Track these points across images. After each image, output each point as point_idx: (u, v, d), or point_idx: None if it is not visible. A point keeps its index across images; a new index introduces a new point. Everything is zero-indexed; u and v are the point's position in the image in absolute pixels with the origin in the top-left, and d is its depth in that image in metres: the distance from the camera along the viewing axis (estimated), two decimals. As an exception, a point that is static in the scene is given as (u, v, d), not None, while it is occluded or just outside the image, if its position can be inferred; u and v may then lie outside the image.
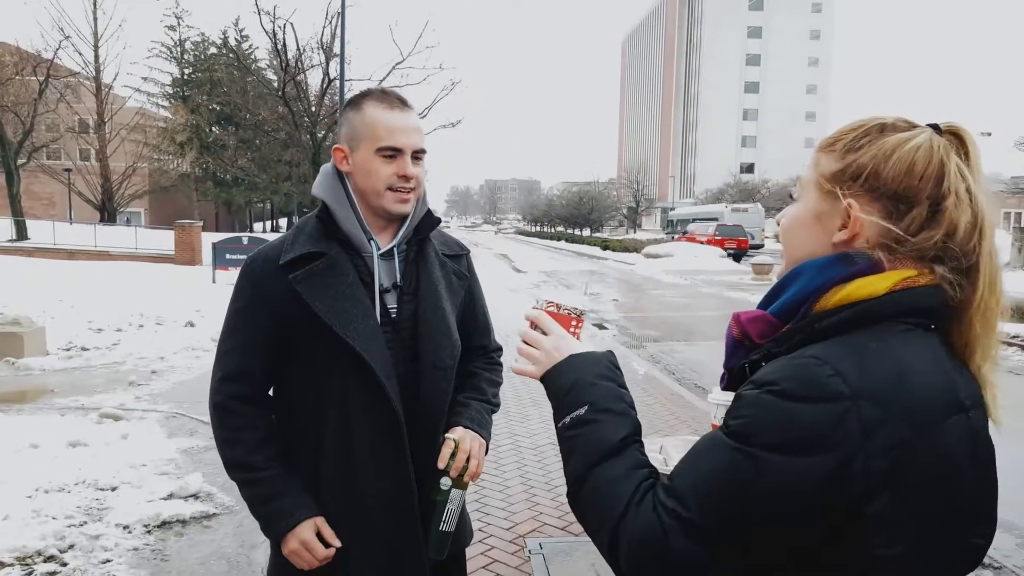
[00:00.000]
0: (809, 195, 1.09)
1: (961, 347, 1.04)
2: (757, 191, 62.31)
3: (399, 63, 24.87)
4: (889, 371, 0.94)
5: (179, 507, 4.39)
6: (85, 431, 5.74)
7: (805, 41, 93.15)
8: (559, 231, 77.38)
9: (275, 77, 31.04)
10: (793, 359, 0.96)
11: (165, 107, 51.19)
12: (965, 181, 1.01)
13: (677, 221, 54.38)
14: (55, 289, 14.63)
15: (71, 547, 3.87)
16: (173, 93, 52.95)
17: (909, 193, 1.01)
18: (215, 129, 50.97)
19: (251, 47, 49.55)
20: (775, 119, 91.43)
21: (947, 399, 0.97)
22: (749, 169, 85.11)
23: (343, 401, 1.71)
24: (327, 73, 26.26)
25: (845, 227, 1.04)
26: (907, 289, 0.99)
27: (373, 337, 1.70)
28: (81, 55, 36.07)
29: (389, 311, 1.77)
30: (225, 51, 49.55)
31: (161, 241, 27.23)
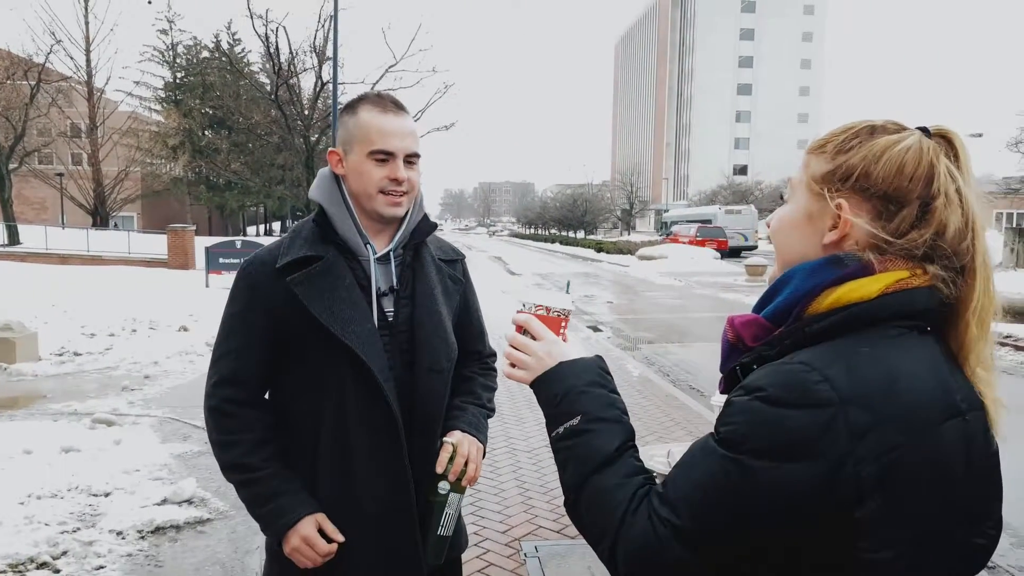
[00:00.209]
0: (800, 196, 1.09)
1: (956, 350, 1.03)
2: (750, 193, 62.46)
3: (392, 66, 24.98)
4: (879, 376, 0.93)
5: (173, 512, 4.37)
6: (78, 437, 5.71)
7: (797, 43, 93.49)
8: (553, 233, 77.46)
9: (268, 81, 31.00)
10: (782, 365, 0.96)
11: (157, 111, 51.02)
12: (955, 182, 1.01)
13: (671, 223, 54.50)
14: (47, 294, 14.56)
15: (64, 554, 3.85)
16: (165, 97, 52.82)
17: (899, 193, 1.01)
18: (208, 133, 50.88)
19: (244, 51, 49.53)
20: (768, 121, 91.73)
21: (941, 403, 0.96)
22: (742, 171, 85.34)
23: (340, 404, 1.70)
24: (320, 76, 26.26)
25: (835, 227, 1.04)
26: (900, 291, 0.98)
27: (371, 340, 1.69)
28: (73, 59, 35.88)
29: (386, 315, 1.77)
30: (217, 55, 49.59)
31: (154, 245, 27.14)
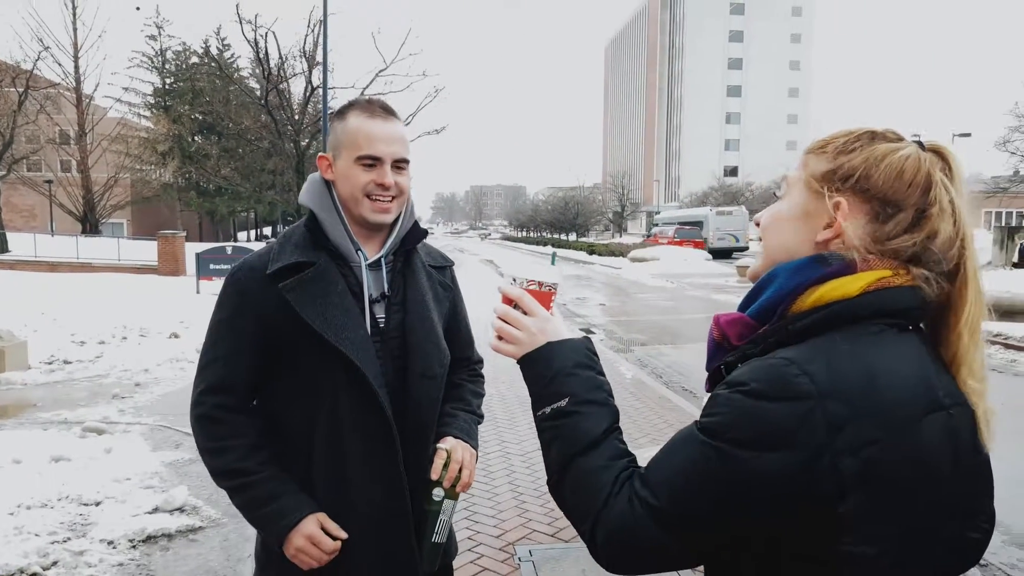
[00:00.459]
0: (796, 193, 1.11)
1: (949, 360, 1.05)
2: (741, 194, 62.69)
3: (382, 70, 24.91)
4: (858, 371, 0.96)
5: (164, 521, 4.34)
6: (68, 445, 5.68)
7: (786, 45, 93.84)
8: (545, 236, 77.51)
9: (258, 86, 30.93)
10: (764, 360, 0.99)
11: (147, 117, 50.93)
12: (949, 194, 1.04)
13: (663, 224, 54.68)
14: (37, 302, 14.47)
15: (54, 564, 3.82)
16: (155, 103, 52.68)
17: (898, 197, 1.03)
18: (197, 139, 50.75)
19: (233, 56, 49.29)
20: (758, 122, 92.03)
21: (922, 398, 0.98)
22: (733, 172, 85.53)
23: (333, 411, 1.69)
24: (310, 81, 26.22)
25: (830, 226, 1.05)
26: (881, 289, 1.01)
27: (364, 346, 1.68)
28: (61, 66, 35.78)
29: (377, 321, 1.75)
30: (207, 60, 49.45)
31: (144, 252, 27.02)
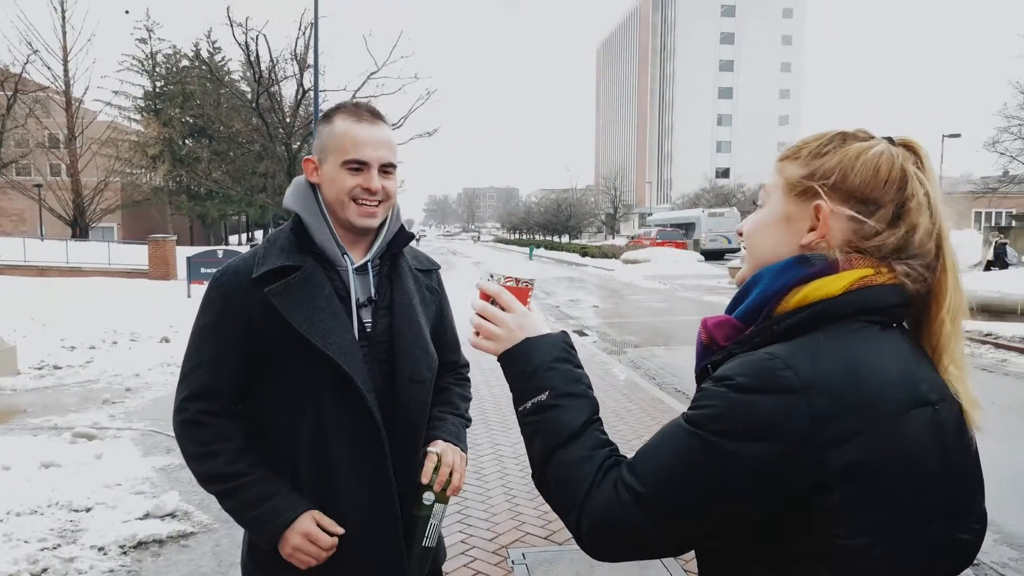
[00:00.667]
0: (776, 200, 1.13)
1: (932, 348, 1.07)
2: (733, 195, 62.85)
3: (374, 73, 24.79)
4: (841, 365, 0.97)
5: (155, 527, 4.31)
6: (58, 451, 5.64)
7: (777, 46, 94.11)
8: (538, 238, 77.52)
9: (249, 89, 30.81)
10: (749, 355, 1.01)
11: (137, 120, 50.67)
12: (924, 187, 1.06)
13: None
14: (26, 307, 14.38)
15: (44, 571, 3.79)
16: (145, 106, 52.48)
17: (876, 195, 1.05)
18: (188, 142, 50.56)
19: (224, 59, 49.06)
20: (749, 124, 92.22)
21: (906, 392, 0.99)
22: (725, 174, 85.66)
23: (320, 416, 1.67)
24: (301, 84, 26.10)
25: (814, 228, 1.07)
26: (864, 288, 1.02)
27: (352, 351, 1.67)
28: (50, 69, 35.51)
29: (364, 325, 1.74)
30: (197, 63, 49.23)
31: (135, 256, 26.91)
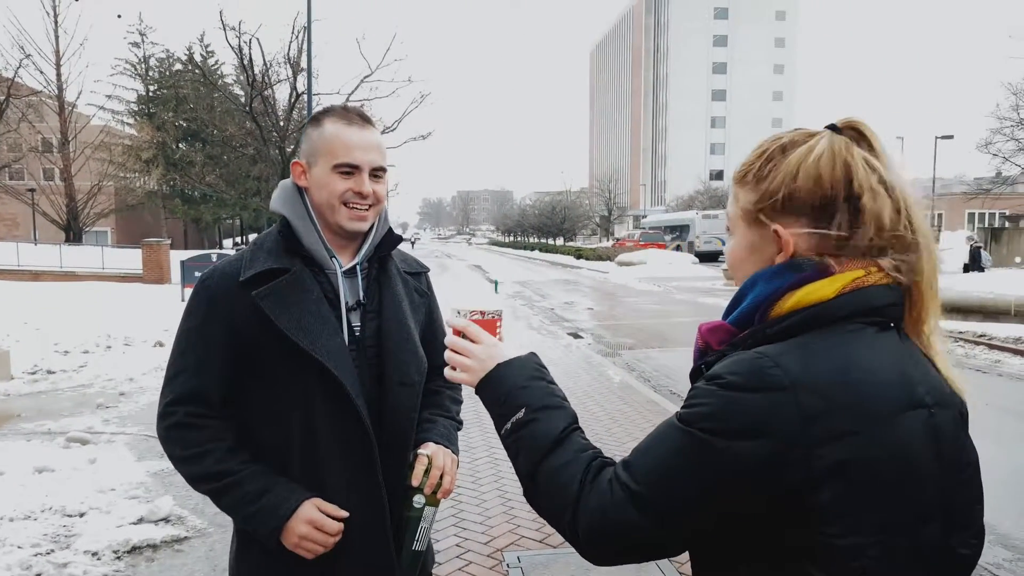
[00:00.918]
0: (739, 229, 1.14)
1: (915, 318, 1.07)
2: (727, 197, 62.80)
3: (367, 76, 24.78)
4: (832, 366, 0.97)
5: (149, 531, 4.30)
6: (52, 456, 5.62)
7: (770, 49, 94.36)
8: (532, 241, 77.51)
9: (242, 92, 30.73)
10: (739, 354, 1.02)
11: (130, 124, 50.41)
12: (876, 172, 1.04)
13: (650, 228, 55.02)
14: (20, 312, 14.29)
15: (37, 577, 3.77)
16: (138, 110, 52.18)
17: (825, 202, 1.04)
18: (182, 146, 50.37)
19: (217, 63, 48.98)
20: (743, 126, 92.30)
21: (900, 395, 0.99)
22: (718, 176, 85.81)
23: (309, 420, 1.66)
24: (295, 87, 26.03)
25: (782, 250, 1.07)
26: (857, 290, 1.02)
27: (342, 355, 1.65)
28: (43, 73, 35.39)
29: (353, 329, 1.73)
30: (191, 67, 49.10)
31: (129, 260, 26.82)
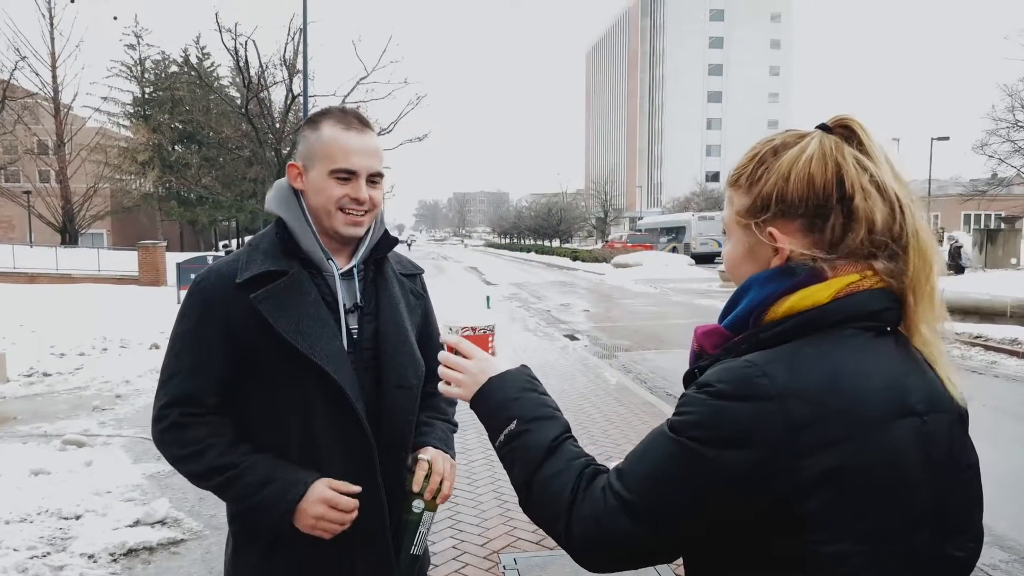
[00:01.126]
0: (734, 234, 1.14)
1: (913, 321, 1.05)
2: (723, 199, 62.98)
3: (363, 78, 24.75)
4: (821, 373, 0.97)
5: (146, 534, 4.29)
6: (48, 459, 5.61)
7: (766, 50, 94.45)
8: (529, 243, 77.52)
9: (238, 94, 30.70)
10: (729, 362, 1.01)
11: (126, 126, 50.39)
12: (867, 171, 1.04)
13: (646, 230, 55.12)
14: (15, 314, 14.26)
15: (33, 580, 3.76)
16: (134, 112, 52.11)
17: (818, 204, 1.04)
18: (178, 148, 50.31)
19: (213, 65, 48.84)
20: (739, 128, 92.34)
21: (891, 402, 0.98)
22: (715, 177, 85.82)
23: (307, 423, 1.65)
24: (291, 89, 26.00)
25: (777, 252, 1.07)
26: (851, 295, 1.01)
27: (340, 358, 1.64)
28: (39, 76, 35.45)
29: (351, 332, 1.71)
30: (186, 69, 48.97)
31: (124, 262, 26.78)
